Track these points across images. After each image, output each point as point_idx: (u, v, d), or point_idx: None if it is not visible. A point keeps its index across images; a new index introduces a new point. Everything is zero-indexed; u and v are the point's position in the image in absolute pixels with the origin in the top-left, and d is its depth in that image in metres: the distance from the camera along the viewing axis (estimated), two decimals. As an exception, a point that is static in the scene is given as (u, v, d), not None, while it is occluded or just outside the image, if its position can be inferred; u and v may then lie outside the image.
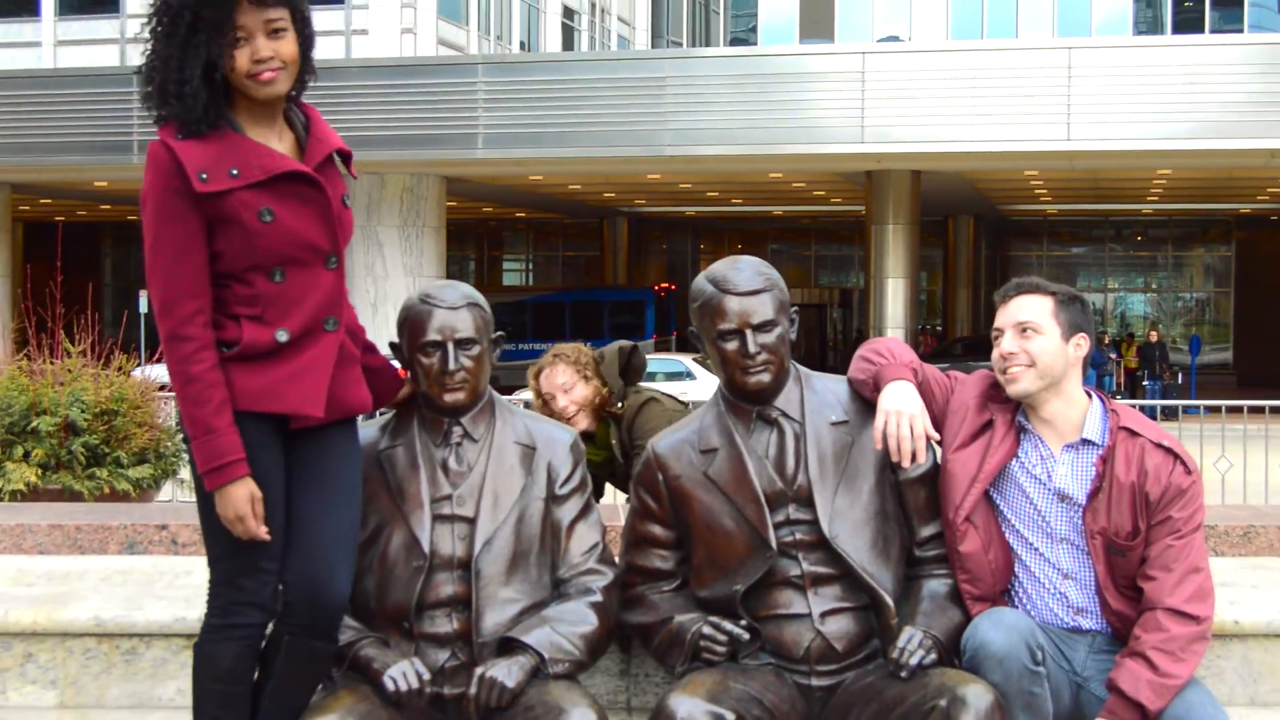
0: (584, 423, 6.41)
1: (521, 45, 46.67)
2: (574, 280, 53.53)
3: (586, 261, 52.91)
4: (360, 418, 4.18)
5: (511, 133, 28.87)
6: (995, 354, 4.31)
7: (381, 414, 4.53)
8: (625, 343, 6.77)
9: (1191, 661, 4.07)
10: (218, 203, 3.73)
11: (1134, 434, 4.23)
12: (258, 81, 3.80)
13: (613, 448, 6.55)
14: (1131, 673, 4.01)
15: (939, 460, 4.40)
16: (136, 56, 3.94)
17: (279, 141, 3.92)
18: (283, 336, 3.82)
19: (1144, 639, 4.05)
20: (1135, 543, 4.14)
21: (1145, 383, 36.29)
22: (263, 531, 3.79)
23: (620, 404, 6.56)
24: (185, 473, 10.25)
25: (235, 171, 3.74)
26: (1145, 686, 3.98)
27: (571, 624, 4.14)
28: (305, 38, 3.89)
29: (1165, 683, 3.99)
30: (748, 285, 4.27)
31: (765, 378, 4.25)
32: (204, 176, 3.71)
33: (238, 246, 3.77)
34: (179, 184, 3.72)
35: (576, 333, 36.18)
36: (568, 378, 6.44)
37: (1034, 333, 4.25)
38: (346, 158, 4.06)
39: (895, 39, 53.43)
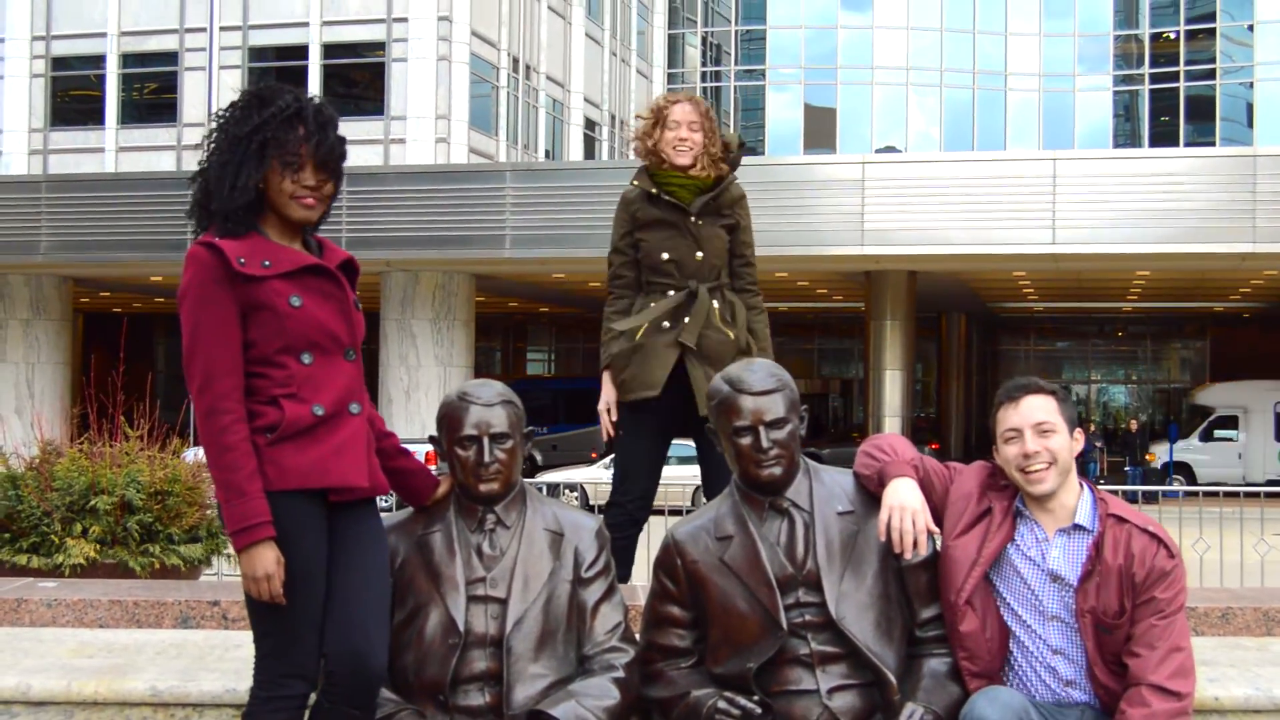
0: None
1: (546, 154, 47.01)
2: (595, 372, 53.56)
3: (604, 353, 52.86)
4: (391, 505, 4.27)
5: (536, 234, 29.08)
6: (1013, 452, 4.30)
7: None
8: None
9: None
10: (253, 288, 3.88)
11: (1121, 520, 4.26)
12: (299, 204, 3.98)
13: None
14: None
15: (938, 548, 4.42)
16: (192, 162, 4.13)
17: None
18: (319, 410, 3.91)
19: (1129, 714, 4.04)
20: (1121, 621, 4.15)
21: (1126, 469, 36.21)
22: (280, 593, 3.84)
23: None
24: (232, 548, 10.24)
25: (268, 263, 3.91)
26: None
27: (596, 697, 4.15)
28: (338, 182, 4.08)
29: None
30: (761, 385, 4.34)
31: (777, 471, 4.30)
32: (242, 261, 3.87)
33: (271, 331, 3.90)
34: (220, 273, 3.86)
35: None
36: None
37: (1051, 432, 4.28)
38: (355, 272, 4.22)
39: (893, 149, 53.82)
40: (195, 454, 10.75)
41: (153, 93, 43.34)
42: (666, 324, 5.92)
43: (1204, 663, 5.20)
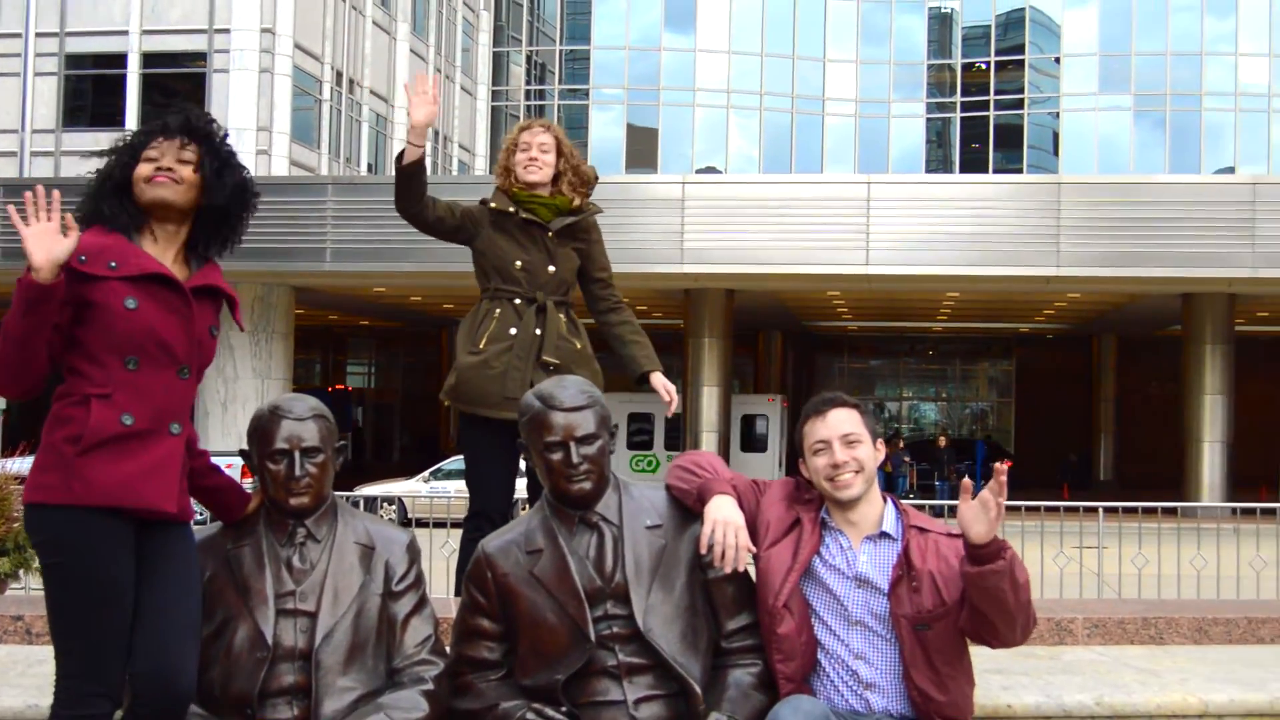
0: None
1: (369, 167, 46.60)
2: (415, 385, 53.23)
3: (426, 367, 52.60)
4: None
5: (357, 248, 28.83)
6: (822, 463, 4.41)
7: None
8: None
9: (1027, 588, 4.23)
10: (90, 286, 3.84)
11: (923, 530, 4.40)
12: (152, 185, 3.99)
13: None
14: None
15: (754, 557, 4.49)
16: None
17: (171, 265, 4.04)
18: (128, 420, 3.84)
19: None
20: (942, 612, 4.26)
21: (935, 483, 36.91)
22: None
23: None
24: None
25: (114, 264, 3.88)
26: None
27: (405, 710, 4.14)
28: (216, 184, 4.07)
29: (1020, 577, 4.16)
30: (572, 402, 4.38)
31: (587, 485, 4.34)
32: (83, 259, 3.83)
33: (100, 329, 3.85)
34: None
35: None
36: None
37: (858, 442, 4.41)
38: (233, 304, 4.19)
39: (713, 169, 54.29)
40: (1, 466, 10.48)
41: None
42: (514, 331, 5.92)
43: (999, 670, 5.36)
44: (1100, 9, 54.57)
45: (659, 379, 5.99)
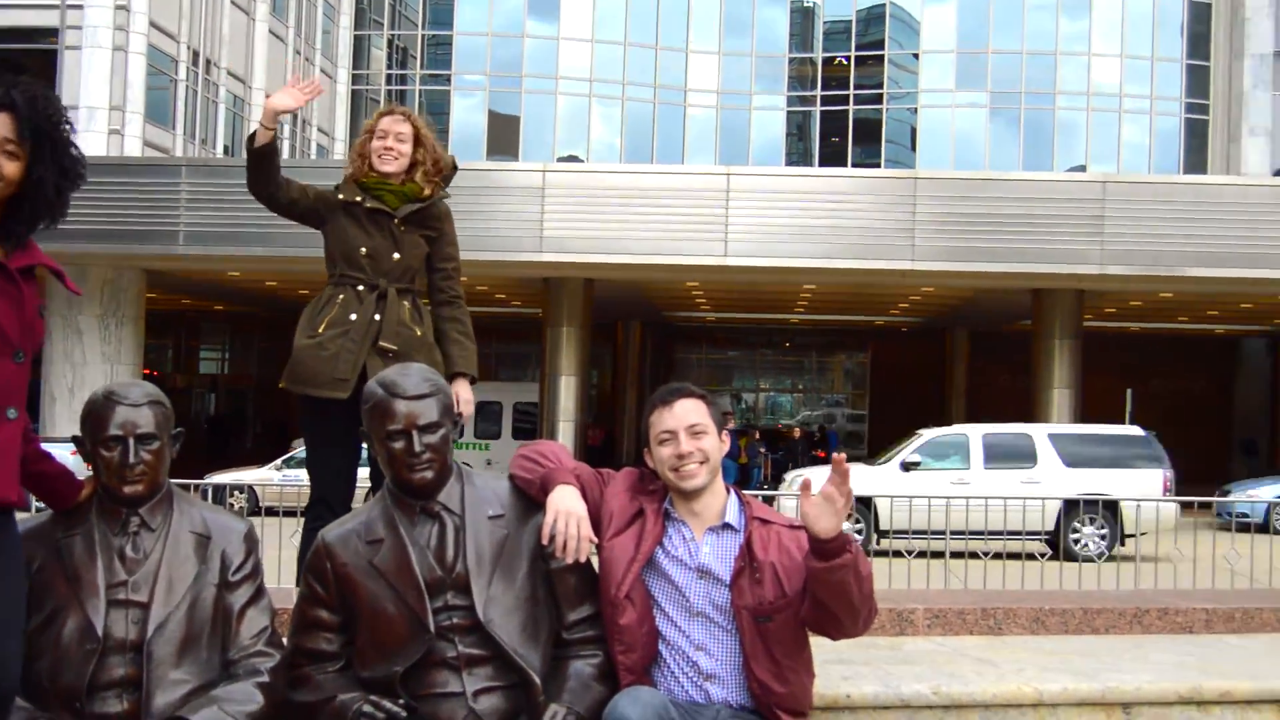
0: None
1: (225, 150, 45.87)
2: (270, 372, 52.60)
3: (281, 354, 51.84)
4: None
5: (212, 231, 28.39)
6: (667, 453, 4.42)
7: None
8: None
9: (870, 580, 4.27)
10: None
11: (766, 522, 4.42)
12: None
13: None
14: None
15: (596, 547, 4.49)
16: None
17: None
18: None
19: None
20: (783, 603, 4.29)
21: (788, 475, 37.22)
22: None
23: None
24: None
25: None
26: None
27: (239, 703, 4.07)
28: (40, 178, 3.81)
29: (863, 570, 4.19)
30: (415, 390, 4.34)
31: (429, 475, 4.30)
32: None
33: None
34: None
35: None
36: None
37: (703, 433, 4.42)
38: (60, 274, 4.04)
39: (575, 158, 54.25)
40: None
41: None
42: (354, 317, 5.86)
43: (839, 661, 5.41)
44: (959, 6, 55.37)
45: (462, 386, 5.96)
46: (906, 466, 23.22)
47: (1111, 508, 21.53)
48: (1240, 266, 28.42)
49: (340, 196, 6.01)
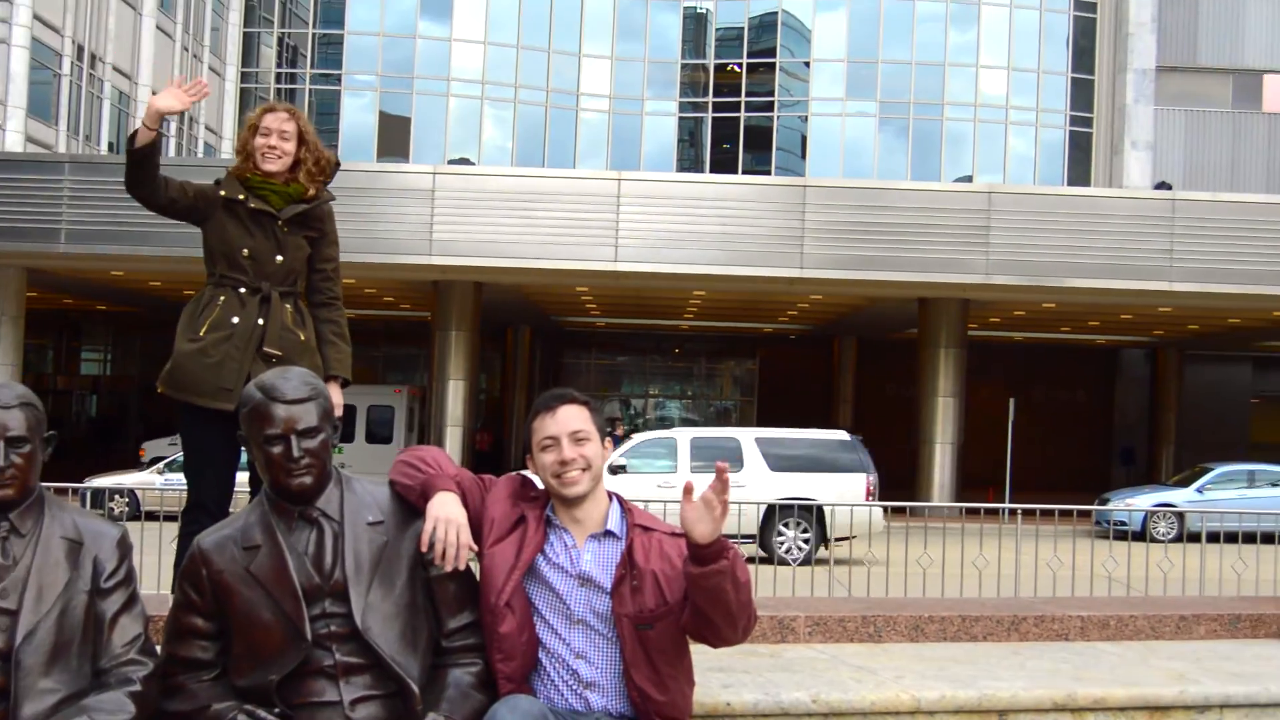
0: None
1: (110, 146, 45.13)
2: (153, 373, 51.81)
3: (164, 355, 51.10)
4: None
5: (95, 229, 27.95)
6: (550, 459, 4.41)
7: None
8: None
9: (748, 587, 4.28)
10: None
11: (647, 529, 4.42)
12: None
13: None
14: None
15: (476, 555, 4.46)
16: None
17: None
18: None
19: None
20: (664, 611, 4.29)
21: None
22: None
23: None
24: None
25: None
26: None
27: (109, 712, 3.99)
28: None
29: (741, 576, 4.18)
30: (295, 394, 4.28)
31: (308, 480, 4.25)
32: None
33: None
34: None
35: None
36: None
37: (586, 440, 4.42)
38: None
39: (466, 161, 54.01)
40: None
41: None
42: (236, 320, 5.79)
43: (720, 669, 5.43)
44: (850, 16, 55.80)
45: (334, 390, 5.92)
46: (614, 470, 23.11)
47: (816, 512, 21.67)
48: (1121, 278, 28.95)
49: (223, 193, 5.93)
